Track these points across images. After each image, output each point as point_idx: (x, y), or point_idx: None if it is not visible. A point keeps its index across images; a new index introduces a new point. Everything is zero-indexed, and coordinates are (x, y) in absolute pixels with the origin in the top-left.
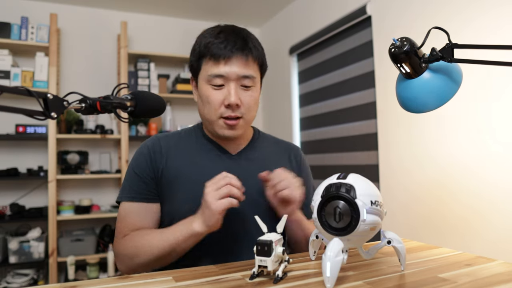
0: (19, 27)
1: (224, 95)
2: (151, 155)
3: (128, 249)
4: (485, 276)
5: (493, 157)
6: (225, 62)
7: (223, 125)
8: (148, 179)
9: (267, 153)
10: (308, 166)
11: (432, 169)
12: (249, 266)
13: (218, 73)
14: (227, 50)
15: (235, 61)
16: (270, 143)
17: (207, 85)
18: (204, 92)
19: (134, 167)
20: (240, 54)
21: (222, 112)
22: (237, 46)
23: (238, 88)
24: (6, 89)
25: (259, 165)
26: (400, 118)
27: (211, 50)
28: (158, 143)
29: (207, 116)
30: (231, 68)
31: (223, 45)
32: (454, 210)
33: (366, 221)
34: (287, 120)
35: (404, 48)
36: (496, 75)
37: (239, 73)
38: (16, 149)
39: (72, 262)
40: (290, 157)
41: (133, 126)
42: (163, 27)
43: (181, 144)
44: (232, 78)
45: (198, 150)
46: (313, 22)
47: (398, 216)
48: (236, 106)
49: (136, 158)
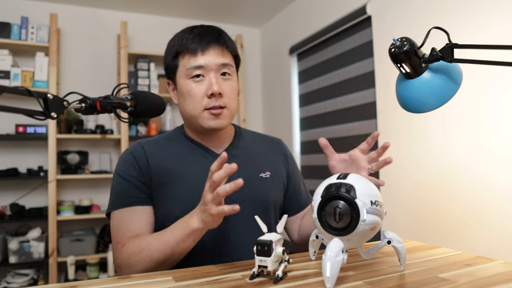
0: (19, 27)
1: (206, 86)
2: (137, 160)
3: (129, 259)
4: (485, 276)
5: (494, 158)
6: (202, 53)
7: (208, 116)
8: (138, 183)
9: (251, 148)
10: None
11: (432, 169)
12: (249, 266)
13: (196, 64)
14: (203, 42)
15: (212, 51)
16: (253, 138)
17: (187, 80)
18: (185, 87)
19: (122, 174)
20: (216, 44)
21: (206, 104)
22: (212, 39)
23: (218, 78)
24: (6, 89)
25: (245, 161)
26: (400, 118)
27: (187, 44)
28: (141, 149)
29: (191, 111)
30: (209, 57)
31: (198, 38)
32: (454, 210)
33: (366, 221)
34: (287, 120)
35: (404, 48)
36: (497, 75)
37: (217, 62)
38: (16, 149)
39: (72, 262)
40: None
41: (133, 126)
42: (163, 27)
43: (165, 148)
44: (211, 67)
45: (182, 152)
46: (313, 22)
47: (398, 216)
48: (219, 95)
49: (121, 165)
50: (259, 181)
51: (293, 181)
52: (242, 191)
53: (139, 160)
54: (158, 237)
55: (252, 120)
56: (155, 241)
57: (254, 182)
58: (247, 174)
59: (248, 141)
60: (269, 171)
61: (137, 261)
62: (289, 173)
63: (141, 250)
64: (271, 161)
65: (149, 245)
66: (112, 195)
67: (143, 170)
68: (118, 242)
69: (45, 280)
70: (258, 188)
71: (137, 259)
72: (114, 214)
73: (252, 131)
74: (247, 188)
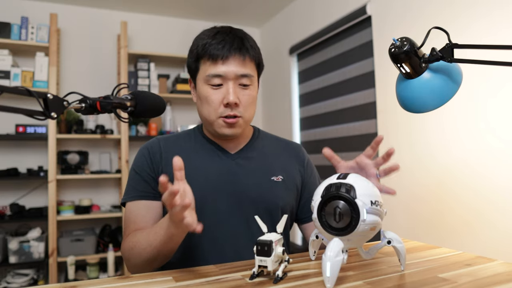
0: (19, 27)
1: (223, 95)
2: (151, 156)
3: (126, 251)
4: (485, 276)
5: (494, 157)
6: (223, 62)
7: (223, 124)
8: (149, 178)
9: (267, 151)
10: (313, 164)
11: (432, 169)
12: (249, 266)
13: (216, 73)
14: (224, 50)
15: (233, 60)
16: (271, 142)
17: (205, 86)
18: (203, 92)
19: (135, 167)
20: (237, 53)
21: (222, 112)
22: (234, 46)
23: (236, 87)
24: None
25: (259, 163)
26: (400, 118)
27: (209, 50)
28: (157, 144)
29: (207, 116)
30: (228, 67)
31: (221, 45)
32: (454, 210)
33: (366, 221)
34: (287, 120)
35: (404, 48)
36: (497, 74)
37: (237, 72)
38: (16, 149)
39: (72, 262)
40: (292, 155)
41: (133, 126)
42: (163, 27)
43: (180, 144)
44: (230, 77)
45: (197, 150)
46: (313, 22)
47: (398, 216)
48: (234, 105)
49: (137, 159)
50: (269, 184)
51: (307, 189)
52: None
53: (152, 155)
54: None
55: (252, 120)
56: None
57: (264, 184)
58: (258, 176)
59: (264, 144)
60: (281, 175)
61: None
62: (304, 180)
63: (133, 246)
64: (286, 166)
65: (138, 243)
66: (126, 186)
67: (155, 165)
68: (125, 233)
69: (45, 280)
70: (267, 191)
71: (130, 254)
72: (126, 205)
73: (272, 134)
74: (257, 190)
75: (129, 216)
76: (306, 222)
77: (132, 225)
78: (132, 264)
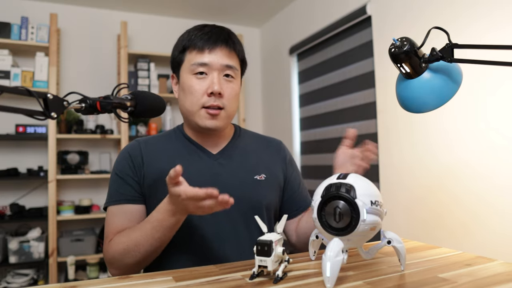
0: (19, 27)
1: (207, 84)
2: (132, 159)
3: (116, 252)
4: (485, 276)
5: (495, 157)
6: (209, 51)
7: (205, 115)
8: (132, 181)
9: (249, 150)
10: (293, 160)
11: (432, 169)
12: (249, 266)
13: (201, 61)
14: (211, 40)
15: (219, 51)
16: (252, 140)
17: (190, 75)
18: (187, 82)
19: (117, 171)
20: (224, 45)
21: (204, 102)
22: (221, 38)
23: (221, 78)
24: (6, 89)
25: (241, 162)
26: (400, 118)
27: (195, 41)
28: (138, 147)
29: (189, 107)
30: (215, 56)
31: (207, 36)
32: (455, 210)
33: (366, 221)
34: (287, 120)
35: (404, 48)
36: (497, 74)
37: (222, 62)
38: (16, 149)
39: (72, 262)
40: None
41: (133, 126)
42: (163, 27)
43: (161, 146)
44: (215, 67)
45: (178, 151)
46: (313, 22)
47: (398, 216)
48: (218, 95)
49: (119, 163)
50: (253, 183)
51: (290, 186)
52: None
53: (134, 159)
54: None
55: (252, 120)
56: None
57: (247, 184)
58: (241, 175)
59: (246, 143)
60: (264, 174)
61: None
62: (287, 177)
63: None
64: (268, 164)
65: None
66: (108, 191)
67: (137, 168)
68: (107, 237)
69: (45, 280)
70: (251, 190)
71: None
72: (108, 209)
73: (252, 132)
74: (240, 189)
75: (113, 220)
76: (289, 218)
77: (115, 229)
78: (125, 264)
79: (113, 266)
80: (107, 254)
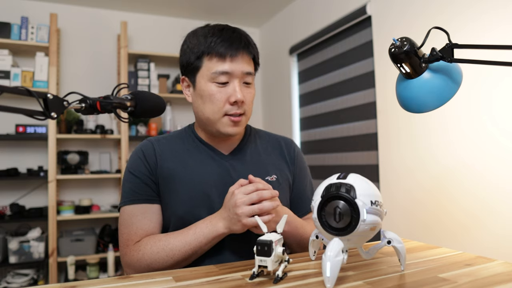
0: (19, 27)
1: (229, 93)
2: (147, 158)
3: (144, 257)
4: (485, 276)
5: (495, 157)
6: (231, 60)
7: (228, 122)
8: (148, 180)
9: (260, 150)
10: (304, 160)
11: (432, 169)
12: (249, 266)
13: (223, 70)
14: (233, 48)
15: (240, 58)
16: (263, 139)
17: (209, 83)
18: (207, 89)
19: (132, 170)
20: (245, 51)
21: (227, 110)
22: (242, 44)
23: (241, 85)
24: (6, 89)
25: (253, 164)
26: (400, 118)
27: (216, 48)
28: (151, 147)
29: (210, 115)
30: (237, 65)
31: (228, 42)
32: (455, 210)
33: (366, 221)
34: (287, 120)
35: (404, 48)
36: (498, 74)
37: (243, 70)
38: (16, 149)
39: (72, 262)
40: (282, 151)
41: (133, 126)
42: (163, 27)
43: (174, 146)
44: (236, 75)
45: (190, 151)
46: (313, 22)
47: (398, 216)
48: (241, 103)
49: (133, 162)
50: None
51: (296, 186)
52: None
53: (148, 158)
54: (180, 238)
55: (252, 120)
56: (177, 242)
57: None
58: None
59: (257, 143)
60: (275, 174)
61: (155, 260)
62: (295, 177)
63: (160, 250)
64: (278, 164)
65: (169, 246)
66: (123, 190)
67: (153, 168)
68: (129, 239)
69: (45, 280)
70: None
71: (156, 257)
72: (125, 209)
73: (263, 131)
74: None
75: (131, 221)
76: None
77: (141, 231)
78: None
79: (137, 271)
80: (132, 258)
